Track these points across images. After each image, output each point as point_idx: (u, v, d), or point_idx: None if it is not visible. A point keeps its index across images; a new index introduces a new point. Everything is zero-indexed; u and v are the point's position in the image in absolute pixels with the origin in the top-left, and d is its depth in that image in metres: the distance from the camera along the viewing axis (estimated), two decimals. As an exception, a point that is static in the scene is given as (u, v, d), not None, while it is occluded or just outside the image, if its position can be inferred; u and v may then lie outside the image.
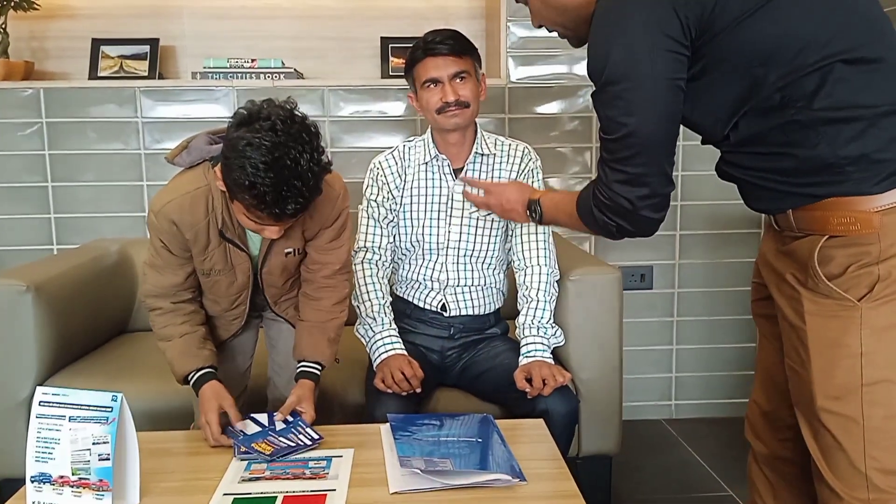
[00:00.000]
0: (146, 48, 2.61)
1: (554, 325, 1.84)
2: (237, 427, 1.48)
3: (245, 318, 1.67)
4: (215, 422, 1.46)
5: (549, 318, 1.83)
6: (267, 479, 1.32)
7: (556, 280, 1.88)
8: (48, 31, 2.66)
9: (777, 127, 1.14)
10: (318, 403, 1.61)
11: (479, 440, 1.46)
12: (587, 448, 1.97)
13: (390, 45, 2.70)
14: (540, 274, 1.85)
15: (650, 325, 2.76)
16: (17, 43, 2.58)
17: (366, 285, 1.84)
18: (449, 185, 1.88)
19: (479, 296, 1.92)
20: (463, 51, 1.78)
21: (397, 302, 1.94)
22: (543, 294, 1.83)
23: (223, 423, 1.48)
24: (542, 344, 1.78)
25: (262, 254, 1.56)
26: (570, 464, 1.39)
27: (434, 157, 1.87)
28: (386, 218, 1.88)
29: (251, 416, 1.54)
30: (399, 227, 1.90)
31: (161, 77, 2.62)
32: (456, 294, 1.90)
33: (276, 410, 1.53)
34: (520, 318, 1.84)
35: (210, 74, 2.52)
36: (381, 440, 1.47)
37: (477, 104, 1.82)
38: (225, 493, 1.27)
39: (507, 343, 1.90)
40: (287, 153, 1.26)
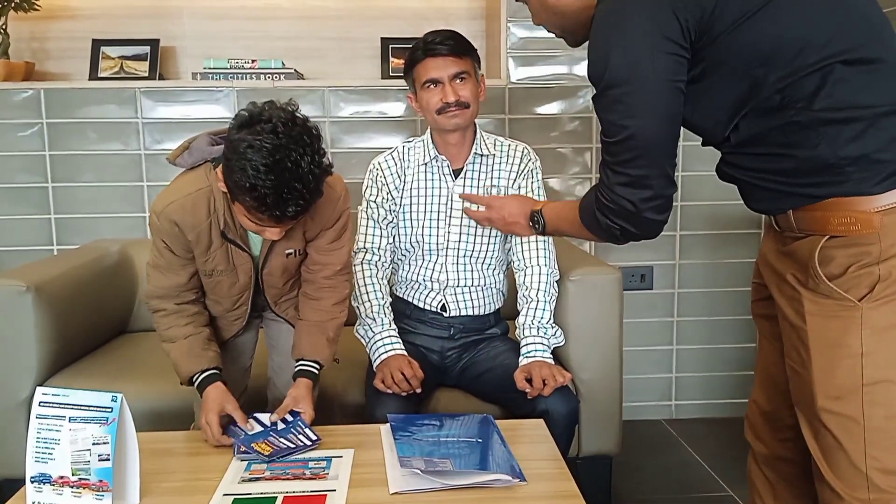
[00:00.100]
0: (146, 49, 2.62)
1: (554, 325, 1.84)
2: (240, 427, 1.48)
3: (246, 318, 1.67)
4: (216, 423, 1.46)
5: (549, 319, 1.83)
6: (267, 479, 1.32)
7: (556, 280, 1.88)
8: (49, 32, 2.66)
9: (777, 128, 1.15)
10: (319, 404, 1.61)
11: (480, 440, 1.46)
12: (587, 448, 1.97)
13: (390, 46, 2.70)
14: (540, 274, 1.85)
15: (650, 326, 2.76)
16: (18, 44, 2.58)
17: (365, 286, 1.84)
18: (448, 186, 1.88)
19: (479, 296, 1.92)
20: (463, 51, 1.78)
21: (397, 302, 1.94)
22: (543, 294, 1.83)
23: (224, 422, 1.48)
24: (543, 344, 1.78)
25: (263, 254, 1.56)
26: (570, 464, 1.39)
27: (433, 157, 1.87)
28: (385, 219, 1.88)
29: (255, 415, 1.54)
30: (399, 228, 1.90)
31: (161, 78, 2.62)
32: (456, 294, 1.90)
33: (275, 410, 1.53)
34: (520, 319, 1.84)
35: (210, 75, 2.52)
36: (381, 440, 1.47)
37: (477, 105, 1.82)
38: (225, 494, 1.27)
39: (507, 343, 1.90)
40: (288, 155, 1.26)
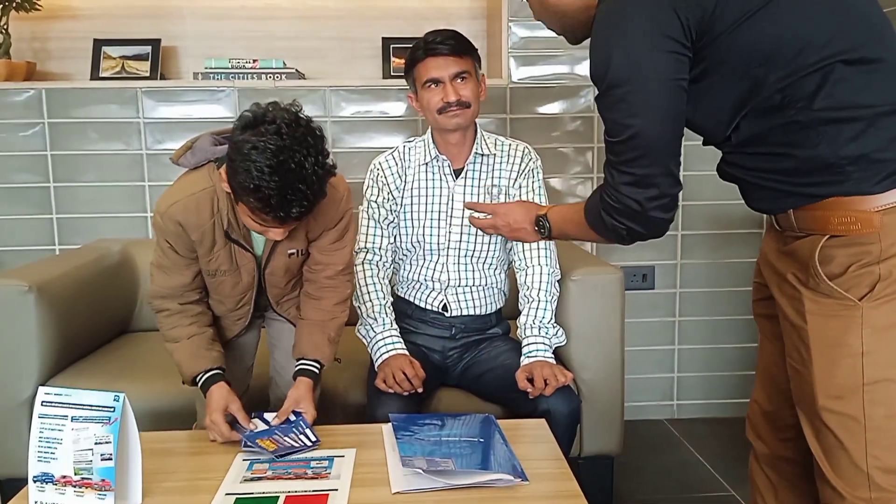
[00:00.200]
0: (148, 49, 2.62)
1: (555, 324, 1.84)
2: (243, 426, 1.49)
3: (249, 318, 1.68)
4: (222, 421, 1.46)
5: (551, 318, 1.83)
6: (269, 478, 1.32)
7: (558, 280, 1.88)
8: (50, 32, 2.67)
9: (777, 127, 1.15)
10: (320, 404, 1.61)
11: (481, 440, 1.46)
12: (589, 448, 1.97)
13: (392, 46, 2.70)
14: (541, 274, 1.85)
15: (652, 325, 2.76)
16: (19, 44, 2.58)
17: (366, 286, 1.84)
18: (449, 186, 1.88)
19: (481, 296, 1.92)
20: (463, 51, 1.78)
21: (398, 302, 1.94)
22: (545, 294, 1.83)
23: (228, 422, 1.48)
24: (544, 344, 1.78)
25: (266, 254, 1.56)
26: (571, 464, 1.39)
27: (434, 157, 1.87)
28: (386, 219, 1.88)
29: (259, 415, 1.54)
30: (399, 228, 1.90)
31: (162, 77, 2.62)
32: (457, 294, 1.90)
33: (278, 410, 1.54)
34: (521, 318, 1.84)
35: (211, 75, 2.52)
36: (382, 440, 1.47)
37: (477, 104, 1.82)
38: (227, 493, 1.27)
39: (509, 343, 1.90)
40: (292, 157, 1.26)
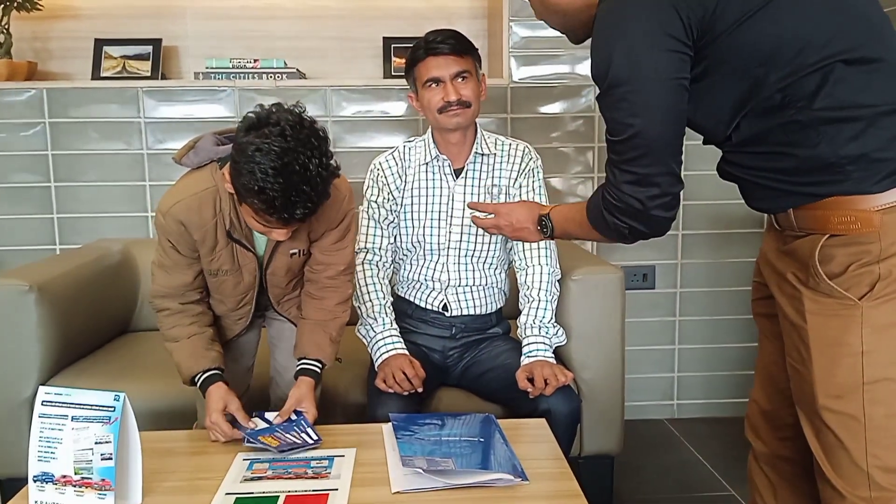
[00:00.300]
0: (149, 48, 2.62)
1: (556, 324, 1.84)
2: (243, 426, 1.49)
3: (250, 317, 1.68)
4: (222, 421, 1.47)
5: (551, 318, 1.83)
6: (269, 478, 1.32)
7: (558, 279, 1.88)
8: (51, 32, 2.67)
9: (778, 127, 1.15)
10: (321, 404, 1.61)
11: (481, 440, 1.46)
12: (589, 448, 1.97)
13: (392, 45, 2.70)
14: (541, 273, 1.85)
15: (652, 325, 2.76)
16: (20, 43, 2.58)
17: (367, 286, 1.84)
18: (450, 186, 1.88)
19: (481, 296, 1.92)
20: (464, 50, 1.78)
21: (399, 302, 1.94)
22: (545, 294, 1.83)
23: (229, 419, 1.49)
24: (544, 343, 1.78)
25: (268, 254, 1.56)
26: (572, 463, 1.39)
27: (434, 157, 1.87)
28: (386, 219, 1.88)
29: (260, 414, 1.54)
30: (400, 228, 1.90)
31: (163, 77, 2.63)
32: (457, 294, 1.90)
33: (279, 410, 1.54)
34: (521, 318, 1.84)
35: (212, 75, 2.53)
36: (382, 440, 1.48)
37: (478, 104, 1.82)
38: (227, 493, 1.27)
39: (509, 343, 1.90)
40: (296, 158, 1.26)
